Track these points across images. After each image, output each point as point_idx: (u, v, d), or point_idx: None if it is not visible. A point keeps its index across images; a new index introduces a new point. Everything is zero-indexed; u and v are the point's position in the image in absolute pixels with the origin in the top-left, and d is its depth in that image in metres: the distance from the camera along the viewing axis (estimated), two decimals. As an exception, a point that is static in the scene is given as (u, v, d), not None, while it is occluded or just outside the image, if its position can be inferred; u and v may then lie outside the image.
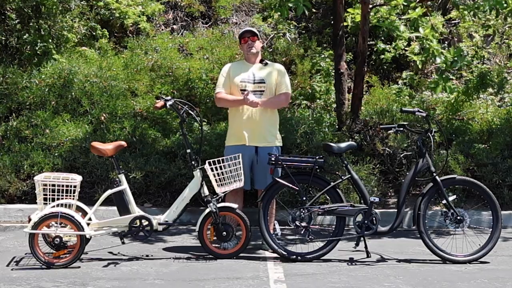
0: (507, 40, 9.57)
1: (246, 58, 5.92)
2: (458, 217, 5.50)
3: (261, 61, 5.88)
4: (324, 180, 5.60)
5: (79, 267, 5.17)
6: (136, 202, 5.67)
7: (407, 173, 5.83)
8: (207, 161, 5.48)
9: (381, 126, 6.09)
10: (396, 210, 5.60)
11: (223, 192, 5.48)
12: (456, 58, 7.16)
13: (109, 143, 5.75)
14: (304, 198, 5.50)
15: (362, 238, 5.51)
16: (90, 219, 5.30)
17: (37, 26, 8.24)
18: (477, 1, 7.14)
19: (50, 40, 8.29)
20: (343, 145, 5.67)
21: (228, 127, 5.93)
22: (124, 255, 5.57)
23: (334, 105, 8.18)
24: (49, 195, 5.27)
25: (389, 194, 7.56)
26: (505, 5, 6.83)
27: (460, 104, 8.25)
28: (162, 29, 9.80)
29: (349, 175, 5.58)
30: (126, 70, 8.29)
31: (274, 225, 5.63)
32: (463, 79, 8.46)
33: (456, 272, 5.20)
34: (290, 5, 6.63)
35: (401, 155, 7.50)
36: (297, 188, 5.52)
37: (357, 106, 7.77)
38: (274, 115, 5.86)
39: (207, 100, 7.97)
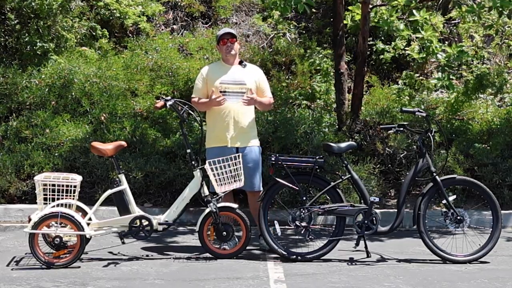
0: (507, 40, 9.55)
1: (224, 59, 5.88)
2: (458, 217, 5.50)
3: (240, 63, 5.87)
4: (324, 180, 5.60)
5: (79, 267, 5.16)
6: (136, 202, 5.67)
7: (407, 173, 5.83)
8: (207, 161, 5.48)
9: (381, 126, 6.09)
10: (396, 210, 5.61)
11: (223, 192, 5.48)
12: (457, 54, 7.16)
13: (109, 143, 5.75)
14: (304, 198, 5.50)
15: (362, 238, 5.52)
16: (90, 219, 5.30)
17: (36, 27, 8.22)
18: (480, 2, 7.09)
19: (49, 40, 8.28)
20: (343, 145, 5.66)
21: (208, 129, 5.86)
22: (124, 255, 5.57)
23: (334, 105, 8.17)
24: (49, 195, 5.27)
25: (389, 194, 7.56)
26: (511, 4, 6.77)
27: (460, 104, 8.25)
28: (162, 29, 9.80)
29: (349, 175, 5.58)
30: (126, 70, 8.28)
31: (274, 225, 5.63)
32: (463, 79, 8.45)
33: (456, 272, 5.20)
34: (293, 4, 6.61)
35: (401, 155, 7.50)
36: (297, 188, 5.52)
37: (357, 106, 7.77)
38: (253, 117, 5.86)
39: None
